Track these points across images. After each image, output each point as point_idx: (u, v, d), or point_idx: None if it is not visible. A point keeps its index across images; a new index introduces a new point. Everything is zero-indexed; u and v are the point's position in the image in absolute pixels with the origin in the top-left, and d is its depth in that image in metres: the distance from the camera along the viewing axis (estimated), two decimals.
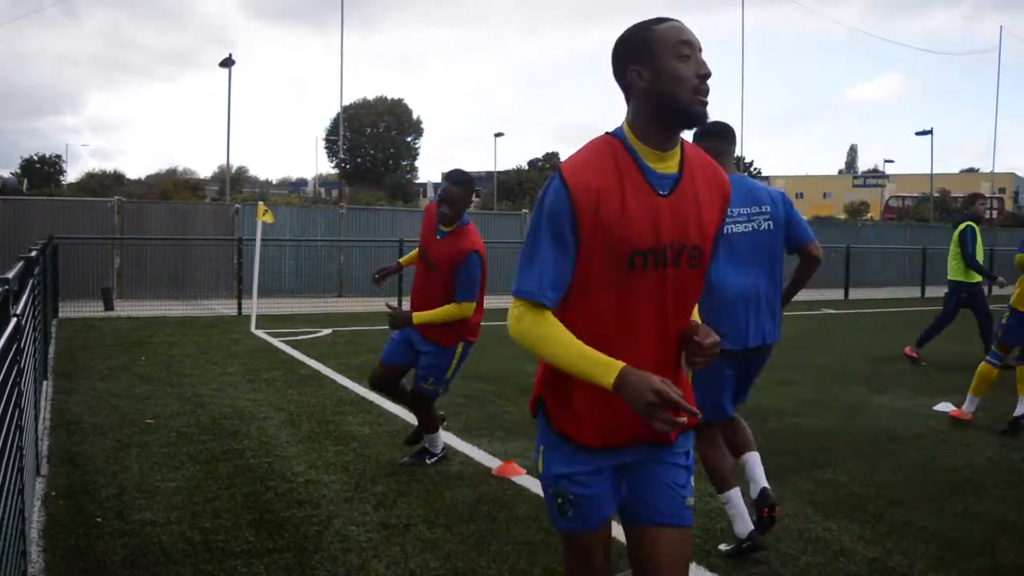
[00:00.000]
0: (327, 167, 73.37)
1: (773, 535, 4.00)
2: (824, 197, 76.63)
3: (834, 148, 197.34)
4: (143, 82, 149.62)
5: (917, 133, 43.10)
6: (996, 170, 57.71)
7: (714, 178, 2.12)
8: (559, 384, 2.10)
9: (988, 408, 7.16)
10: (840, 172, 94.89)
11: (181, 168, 78.38)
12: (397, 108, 69.26)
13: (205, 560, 3.64)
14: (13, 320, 2.92)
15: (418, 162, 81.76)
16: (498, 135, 60.25)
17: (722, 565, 3.69)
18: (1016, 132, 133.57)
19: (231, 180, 38.24)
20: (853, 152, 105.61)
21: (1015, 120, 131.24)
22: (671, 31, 1.97)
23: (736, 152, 4.18)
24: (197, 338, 11.08)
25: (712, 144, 3.65)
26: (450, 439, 5.75)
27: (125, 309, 14.58)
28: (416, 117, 69.14)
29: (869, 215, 51.23)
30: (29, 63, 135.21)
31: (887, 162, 71.67)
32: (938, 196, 46.59)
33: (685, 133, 2.06)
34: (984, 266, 9.50)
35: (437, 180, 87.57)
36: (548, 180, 2.02)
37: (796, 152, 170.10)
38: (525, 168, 68.79)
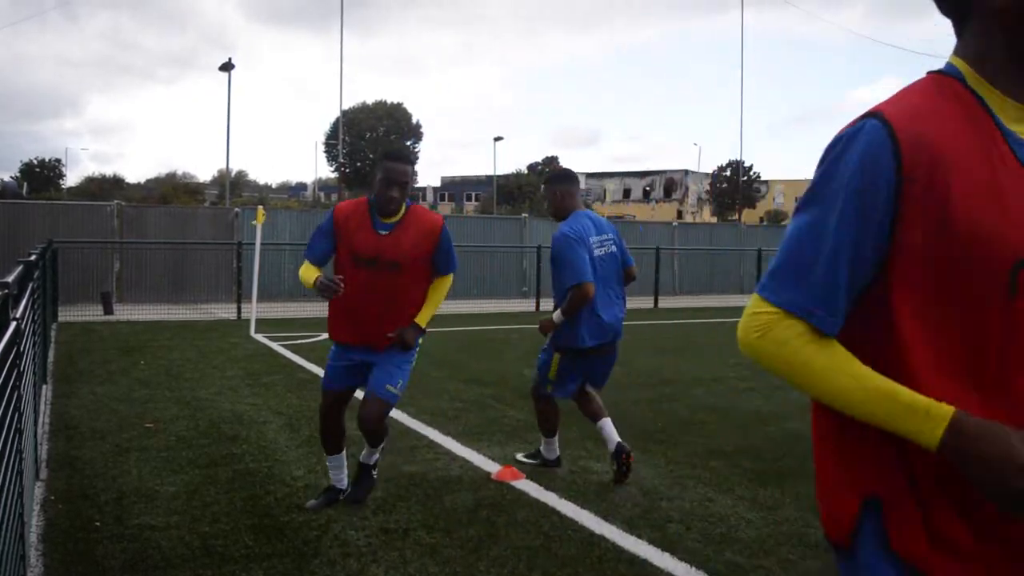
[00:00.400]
0: (327, 171, 73.45)
1: (774, 540, 4.03)
2: None
3: None
4: (143, 85, 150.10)
5: None
6: None
7: None
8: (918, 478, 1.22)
9: None
10: None
11: (181, 172, 78.69)
12: (396, 112, 69.22)
13: (204, 564, 3.64)
14: (13, 324, 2.92)
15: (417, 166, 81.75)
16: (497, 139, 60.53)
17: (723, 571, 3.69)
18: None
19: (231, 184, 38.27)
20: None
21: None
22: None
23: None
24: (196, 342, 11.08)
25: (565, 188, 4.96)
26: (449, 443, 5.76)
27: (124, 313, 14.58)
28: (416, 121, 69.18)
29: None
30: (29, 66, 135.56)
31: None
32: None
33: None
34: None
35: (436, 184, 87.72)
36: (849, 129, 1.25)
37: (795, 156, 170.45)
38: (524, 172, 68.85)
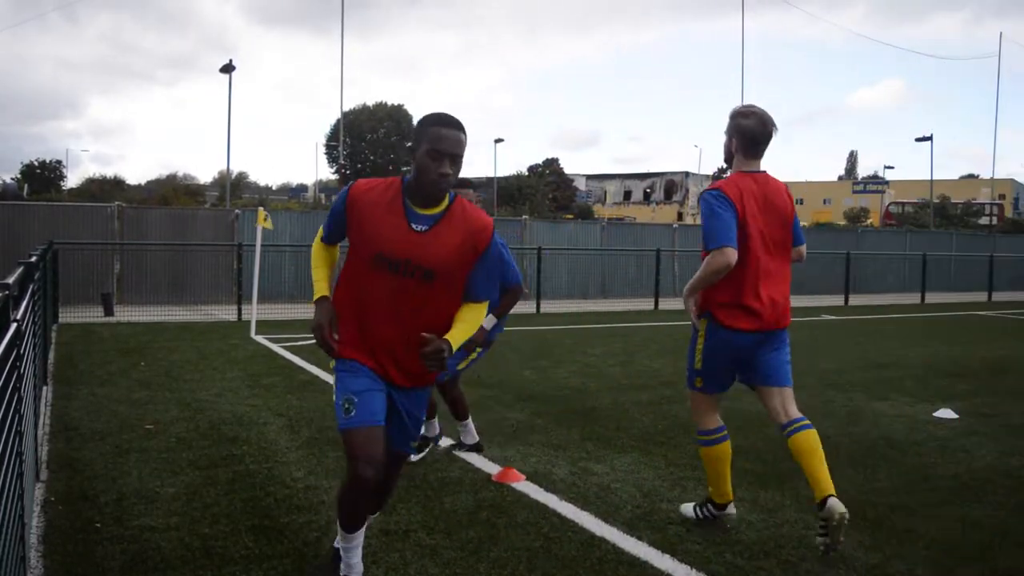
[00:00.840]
0: (327, 173, 73.42)
1: (775, 541, 4.03)
2: (824, 203, 76.66)
3: (834, 154, 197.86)
4: (144, 87, 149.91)
5: (917, 139, 43.25)
6: (996, 176, 57.79)
7: None
8: None
9: (988, 413, 7.16)
10: (840, 178, 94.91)
11: (181, 173, 78.62)
12: (397, 114, 69.24)
13: (204, 566, 3.64)
14: (13, 325, 2.92)
15: None
16: (498, 141, 60.36)
17: (724, 573, 3.69)
18: (1016, 138, 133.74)
19: (231, 186, 38.27)
20: (853, 158, 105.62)
21: (1015, 126, 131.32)
22: None
23: None
24: (197, 343, 11.09)
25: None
26: (448, 444, 5.75)
27: (125, 314, 14.58)
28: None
29: (869, 220, 51.29)
30: (30, 68, 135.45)
31: (887, 168, 71.81)
32: (938, 202, 46.65)
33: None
34: None
35: None
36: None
37: (796, 158, 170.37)
38: (525, 174, 68.80)
